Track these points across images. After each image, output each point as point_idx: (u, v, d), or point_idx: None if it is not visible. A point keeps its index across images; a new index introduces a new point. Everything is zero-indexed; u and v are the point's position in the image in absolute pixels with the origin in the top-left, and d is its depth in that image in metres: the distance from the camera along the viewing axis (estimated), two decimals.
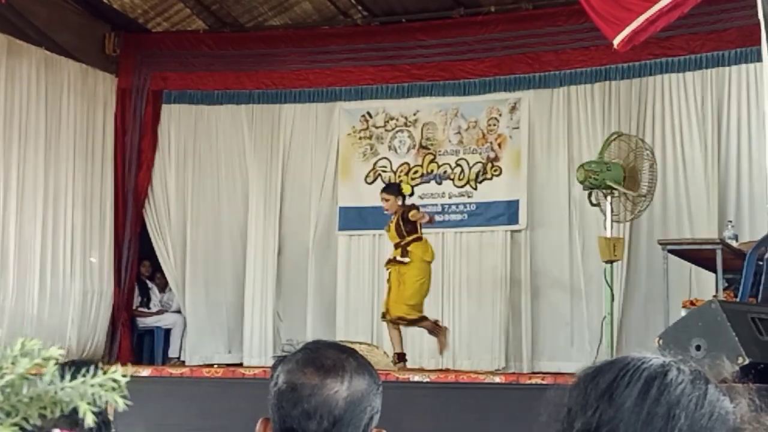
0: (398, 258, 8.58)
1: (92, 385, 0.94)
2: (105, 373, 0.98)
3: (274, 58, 11.01)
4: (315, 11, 11.04)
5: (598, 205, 8.19)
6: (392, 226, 8.65)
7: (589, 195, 8.15)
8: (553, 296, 9.92)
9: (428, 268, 8.74)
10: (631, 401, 1.18)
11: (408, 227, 8.57)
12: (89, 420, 0.94)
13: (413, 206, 8.74)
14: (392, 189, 8.85)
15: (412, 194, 8.95)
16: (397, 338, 8.69)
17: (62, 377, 0.98)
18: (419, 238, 8.61)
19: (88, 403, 0.95)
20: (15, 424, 0.92)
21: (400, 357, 8.66)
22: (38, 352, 0.97)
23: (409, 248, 8.58)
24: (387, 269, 8.77)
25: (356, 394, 1.79)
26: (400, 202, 8.65)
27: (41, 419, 0.95)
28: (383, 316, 8.77)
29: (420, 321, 8.76)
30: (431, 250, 8.75)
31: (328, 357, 1.82)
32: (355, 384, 1.80)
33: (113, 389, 0.96)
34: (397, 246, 8.67)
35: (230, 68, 11.10)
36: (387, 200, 8.68)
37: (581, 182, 7.87)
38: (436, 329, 8.81)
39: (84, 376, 0.97)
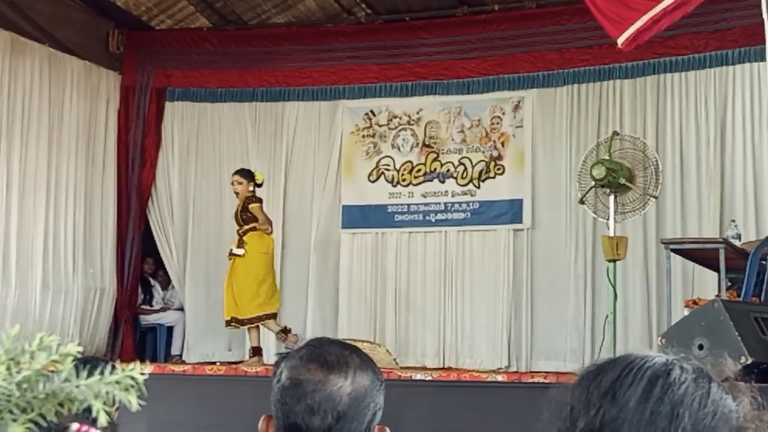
0: (234, 250, 8.71)
1: (108, 383, 0.94)
2: (123, 370, 0.98)
3: (277, 56, 11.01)
4: (319, 9, 11.03)
5: (583, 202, 8.17)
6: (236, 212, 8.87)
7: (585, 193, 8.10)
8: (556, 295, 9.91)
9: (267, 261, 8.82)
10: (635, 400, 1.18)
11: (245, 215, 8.75)
12: (102, 419, 0.94)
13: (259, 200, 8.94)
14: (246, 173, 9.01)
15: (261, 185, 9.12)
16: (255, 335, 8.83)
17: (77, 374, 0.98)
18: (254, 228, 8.76)
19: (104, 403, 0.94)
20: (30, 421, 0.92)
21: (256, 351, 8.78)
22: (56, 348, 0.96)
23: (245, 238, 8.72)
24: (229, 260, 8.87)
25: (360, 390, 1.80)
26: (251, 188, 8.87)
27: (57, 416, 0.95)
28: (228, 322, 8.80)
29: (266, 319, 8.77)
30: (269, 240, 8.89)
31: (331, 353, 1.83)
32: (359, 380, 1.81)
33: (127, 388, 0.96)
34: (237, 234, 8.85)
35: (234, 66, 11.10)
36: (240, 183, 8.87)
37: (599, 179, 7.78)
38: (282, 336, 8.81)
39: (97, 372, 0.97)
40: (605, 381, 1.21)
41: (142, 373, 0.99)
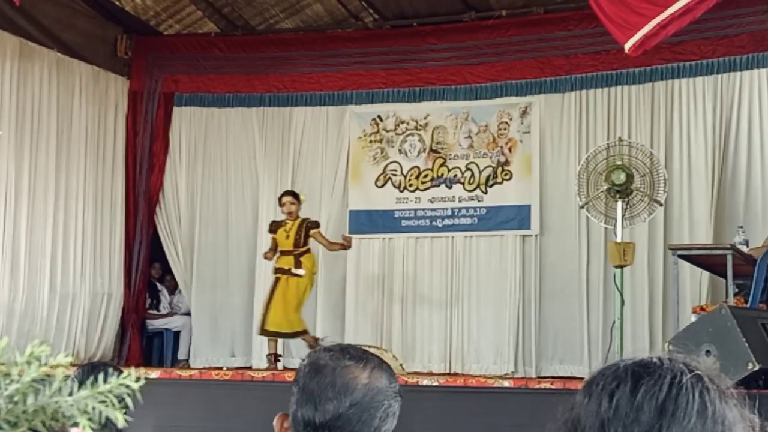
0: (293, 270, 8.95)
1: (100, 393, 0.93)
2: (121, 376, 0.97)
3: (285, 61, 11.02)
4: (326, 14, 11.05)
5: (583, 207, 8.17)
6: (291, 232, 9.02)
7: (590, 198, 8.08)
8: (564, 301, 9.89)
9: (313, 281, 9.23)
10: (693, 422, 1.18)
11: (305, 238, 9.02)
12: None
13: (318, 224, 9.24)
14: (296, 195, 9.28)
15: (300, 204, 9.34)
16: (274, 344, 9.09)
17: (82, 380, 0.97)
18: (309, 250, 9.09)
19: (89, 419, 0.93)
20: None
21: (276, 357, 9.02)
22: (46, 358, 0.95)
23: (301, 259, 8.98)
24: (277, 278, 9.01)
25: (375, 385, 1.87)
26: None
27: (48, 429, 0.94)
28: (262, 330, 9.00)
29: (304, 333, 9.09)
30: (315, 260, 9.23)
31: (353, 349, 1.95)
32: (376, 376, 1.89)
33: (118, 401, 0.95)
34: (286, 253, 9.04)
35: (241, 71, 11.11)
36: (293, 204, 9.12)
37: (619, 185, 7.77)
38: (315, 345, 8.97)
39: (96, 379, 0.96)
40: (656, 396, 1.20)
41: (138, 380, 0.98)
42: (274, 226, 9.20)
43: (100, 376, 0.97)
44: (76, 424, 0.93)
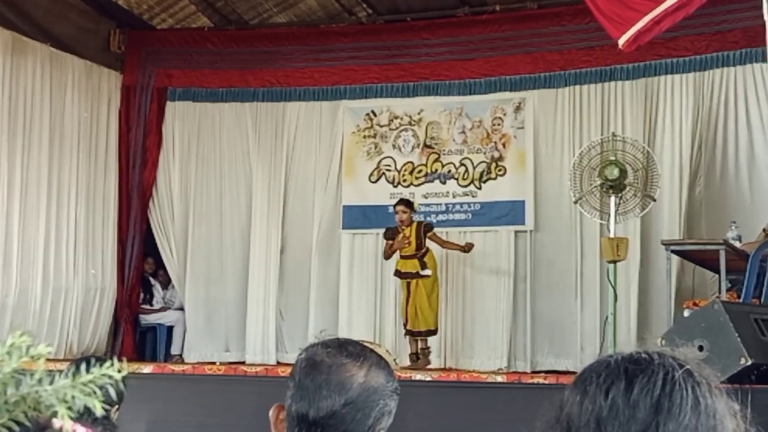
0: (421, 272, 9.07)
1: (77, 386, 0.92)
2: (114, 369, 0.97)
3: (278, 56, 11.01)
4: (320, 8, 11.03)
5: (577, 202, 8.18)
6: (411, 238, 9.10)
7: (583, 194, 8.10)
8: (558, 296, 9.91)
9: (437, 277, 9.34)
10: (688, 418, 1.18)
11: (424, 240, 9.14)
12: (67, 426, 0.92)
13: (432, 226, 9.36)
14: (410, 204, 9.36)
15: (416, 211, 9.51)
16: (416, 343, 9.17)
17: (76, 373, 0.96)
18: (428, 250, 9.20)
19: (69, 408, 0.92)
20: (2, 426, 0.90)
21: (417, 355, 9.06)
22: (26, 349, 0.94)
23: (424, 260, 9.08)
24: (408, 282, 9.05)
25: (372, 384, 1.85)
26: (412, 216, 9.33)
27: (29, 420, 0.93)
28: (408, 331, 9.08)
29: (431, 333, 9.23)
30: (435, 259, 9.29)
31: (352, 345, 1.93)
32: (372, 375, 1.87)
33: (93, 393, 0.94)
34: (409, 257, 9.09)
35: (235, 66, 11.10)
36: (405, 212, 9.21)
37: (612, 180, 7.78)
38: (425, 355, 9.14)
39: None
40: (650, 393, 1.20)
41: (120, 371, 0.97)
42: (390, 233, 9.30)
43: (83, 367, 0.96)
44: (55, 415, 0.93)
